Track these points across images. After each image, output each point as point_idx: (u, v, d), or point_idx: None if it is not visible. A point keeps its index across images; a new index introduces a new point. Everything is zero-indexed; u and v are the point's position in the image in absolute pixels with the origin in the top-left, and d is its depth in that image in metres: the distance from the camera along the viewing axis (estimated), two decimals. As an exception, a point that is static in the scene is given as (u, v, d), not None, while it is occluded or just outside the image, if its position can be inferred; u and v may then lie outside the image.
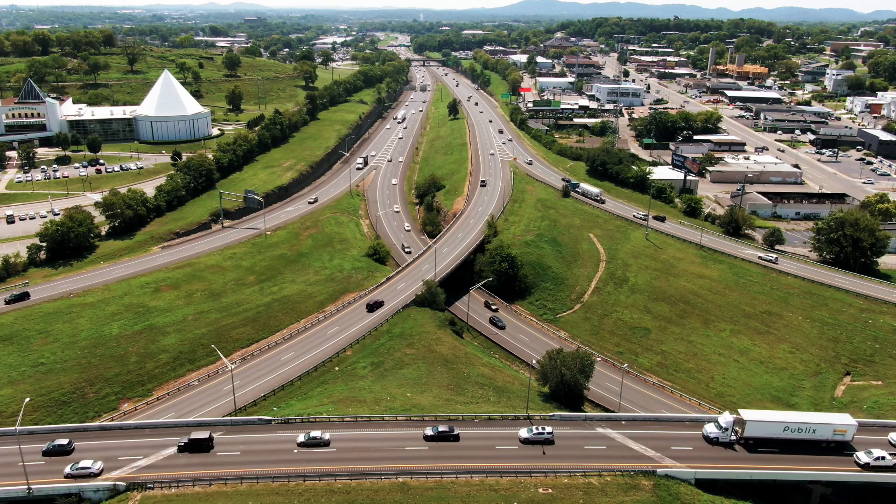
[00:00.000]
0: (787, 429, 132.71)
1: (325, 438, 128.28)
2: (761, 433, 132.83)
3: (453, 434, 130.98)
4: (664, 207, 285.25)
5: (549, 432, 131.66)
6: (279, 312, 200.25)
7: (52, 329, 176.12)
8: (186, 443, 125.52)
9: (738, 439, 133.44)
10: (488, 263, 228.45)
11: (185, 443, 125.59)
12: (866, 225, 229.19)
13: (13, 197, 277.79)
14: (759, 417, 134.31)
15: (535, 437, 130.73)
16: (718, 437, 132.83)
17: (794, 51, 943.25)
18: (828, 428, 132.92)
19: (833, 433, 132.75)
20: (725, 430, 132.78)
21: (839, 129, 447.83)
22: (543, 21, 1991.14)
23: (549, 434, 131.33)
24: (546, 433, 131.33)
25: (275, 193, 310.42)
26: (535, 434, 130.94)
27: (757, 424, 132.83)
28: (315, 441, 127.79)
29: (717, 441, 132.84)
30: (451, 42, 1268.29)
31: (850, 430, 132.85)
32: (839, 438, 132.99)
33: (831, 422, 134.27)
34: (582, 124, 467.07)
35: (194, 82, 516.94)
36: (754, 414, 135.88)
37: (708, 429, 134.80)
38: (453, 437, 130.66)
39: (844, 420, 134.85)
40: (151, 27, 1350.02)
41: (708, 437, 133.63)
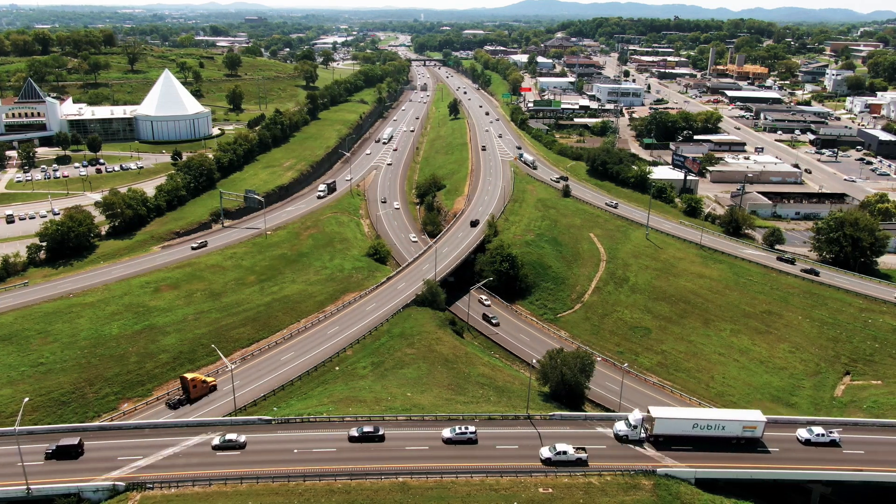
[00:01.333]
0: (697, 426, 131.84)
1: (241, 441, 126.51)
2: (670, 430, 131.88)
3: (378, 434, 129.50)
4: (664, 207, 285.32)
5: (473, 432, 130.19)
6: (279, 312, 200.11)
7: (51, 329, 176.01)
8: (54, 450, 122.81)
9: (647, 437, 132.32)
10: (489, 263, 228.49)
11: (53, 450, 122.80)
12: (866, 225, 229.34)
13: (13, 196, 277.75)
14: (667, 415, 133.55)
15: (457, 436, 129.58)
16: (628, 434, 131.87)
17: (794, 51, 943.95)
18: (737, 424, 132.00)
19: (743, 430, 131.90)
20: (635, 428, 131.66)
21: (839, 129, 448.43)
22: (544, 21, 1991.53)
23: (471, 434, 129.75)
24: (469, 433, 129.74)
25: (275, 193, 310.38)
26: (457, 434, 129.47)
27: (665, 422, 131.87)
28: (230, 444, 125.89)
29: (626, 439, 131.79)
30: (451, 42, 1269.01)
31: (759, 427, 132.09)
32: (749, 435, 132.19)
33: (740, 418, 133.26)
34: (582, 124, 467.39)
35: (195, 82, 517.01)
36: (663, 411, 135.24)
37: (618, 427, 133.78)
38: (378, 438, 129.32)
39: (754, 416, 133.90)
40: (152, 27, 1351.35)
41: (617, 435, 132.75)
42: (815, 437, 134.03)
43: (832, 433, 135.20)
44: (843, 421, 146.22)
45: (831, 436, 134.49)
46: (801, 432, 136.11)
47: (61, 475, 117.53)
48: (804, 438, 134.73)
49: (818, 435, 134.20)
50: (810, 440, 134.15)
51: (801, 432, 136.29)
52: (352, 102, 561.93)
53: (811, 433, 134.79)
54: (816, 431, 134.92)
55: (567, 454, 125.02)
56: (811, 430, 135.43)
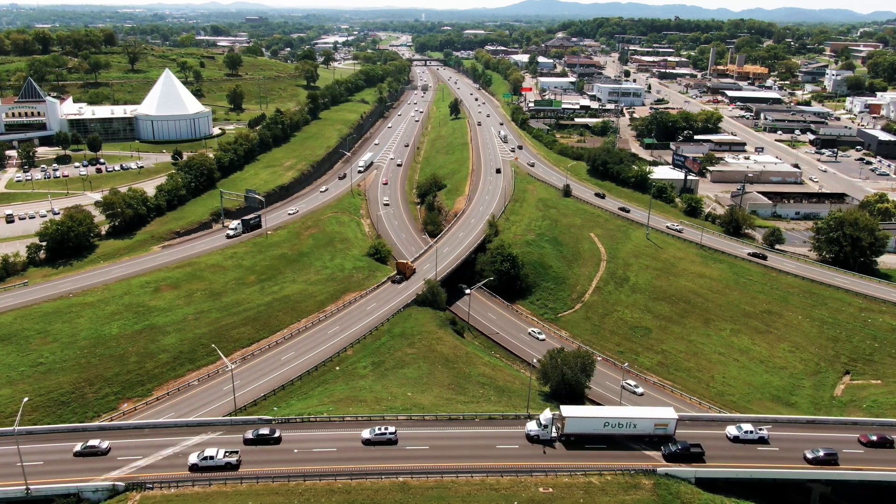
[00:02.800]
0: (608, 424, 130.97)
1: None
2: (581, 429, 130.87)
3: (274, 437, 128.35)
4: (665, 207, 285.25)
5: (392, 432, 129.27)
6: (280, 312, 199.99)
7: (51, 329, 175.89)
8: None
9: (559, 436, 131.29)
10: (489, 263, 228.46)
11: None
12: (865, 224, 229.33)
13: (13, 196, 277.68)
14: (578, 414, 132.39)
15: (376, 437, 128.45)
16: (539, 434, 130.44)
17: (794, 51, 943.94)
18: (649, 422, 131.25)
19: (654, 427, 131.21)
20: (545, 428, 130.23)
21: (839, 130, 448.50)
22: (545, 21, 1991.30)
23: (391, 434, 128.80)
24: (388, 433, 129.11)
25: (276, 193, 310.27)
26: (376, 434, 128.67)
27: (576, 421, 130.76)
28: (91, 450, 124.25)
29: (537, 439, 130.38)
30: (452, 42, 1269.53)
31: (671, 424, 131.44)
32: (661, 433, 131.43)
33: (652, 416, 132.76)
34: (583, 124, 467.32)
35: (195, 81, 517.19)
36: (573, 410, 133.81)
37: (529, 426, 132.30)
38: (273, 441, 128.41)
39: (665, 414, 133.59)
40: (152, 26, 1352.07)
41: (529, 435, 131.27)
42: (744, 434, 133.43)
43: (761, 430, 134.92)
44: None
45: (760, 433, 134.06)
46: (731, 429, 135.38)
47: (61, 475, 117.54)
48: (732, 436, 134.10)
49: (747, 432, 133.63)
50: (738, 437, 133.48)
51: (730, 430, 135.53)
52: (353, 102, 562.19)
53: (740, 430, 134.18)
54: (745, 429, 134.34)
55: None
56: (740, 428, 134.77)
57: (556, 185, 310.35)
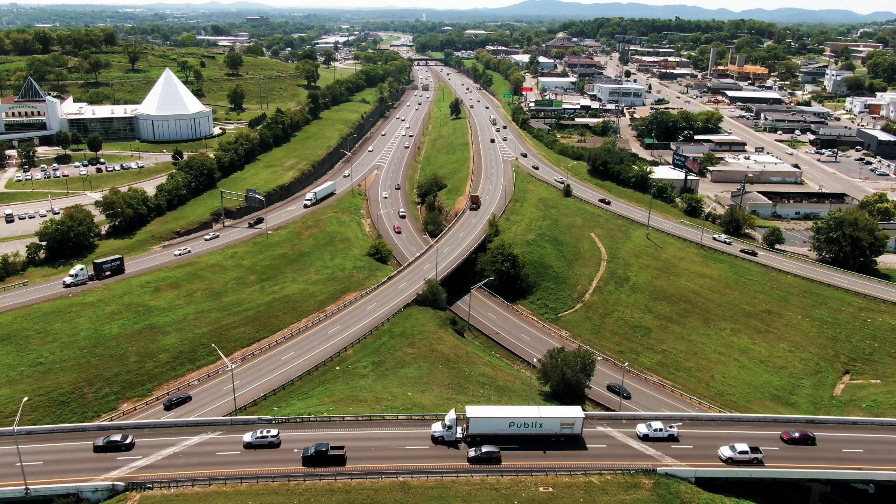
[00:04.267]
0: (513, 424, 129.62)
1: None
2: (487, 430, 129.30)
3: (125, 444, 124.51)
4: (665, 207, 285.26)
5: (275, 435, 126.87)
6: (280, 312, 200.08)
7: (50, 328, 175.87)
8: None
9: (464, 437, 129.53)
10: (490, 263, 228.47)
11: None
12: (865, 224, 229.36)
13: (13, 196, 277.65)
14: (482, 414, 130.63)
15: (257, 440, 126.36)
16: (443, 435, 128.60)
17: (794, 51, 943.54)
18: (555, 421, 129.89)
19: (561, 427, 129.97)
20: (449, 429, 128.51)
21: (838, 130, 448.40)
22: (545, 21, 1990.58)
23: (273, 437, 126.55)
24: (270, 436, 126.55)
25: (276, 193, 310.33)
26: (257, 438, 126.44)
27: (480, 421, 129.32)
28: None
29: (441, 440, 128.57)
30: (453, 42, 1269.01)
31: (577, 423, 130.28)
32: (568, 432, 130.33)
33: (558, 415, 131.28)
34: (583, 124, 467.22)
35: (196, 81, 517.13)
36: (477, 410, 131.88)
37: (434, 427, 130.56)
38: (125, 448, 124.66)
39: (571, 413, 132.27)
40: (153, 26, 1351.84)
41: (433, 437, 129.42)
42: (654, 432, 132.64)
43: (671, 428, 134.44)
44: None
45: (670, 431, 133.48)
46: (641, 427, 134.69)
47: (60, 475, 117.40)
48: (642, 434, 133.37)
49: (656, 430, 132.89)
50: (648, 435, 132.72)
51: (640, 427, 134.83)
52: (353, 102, 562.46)
53: (649, 428, 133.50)
54: (655, 426, 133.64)
55: None
56: (650, 426, 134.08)
57: (557, 184, 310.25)
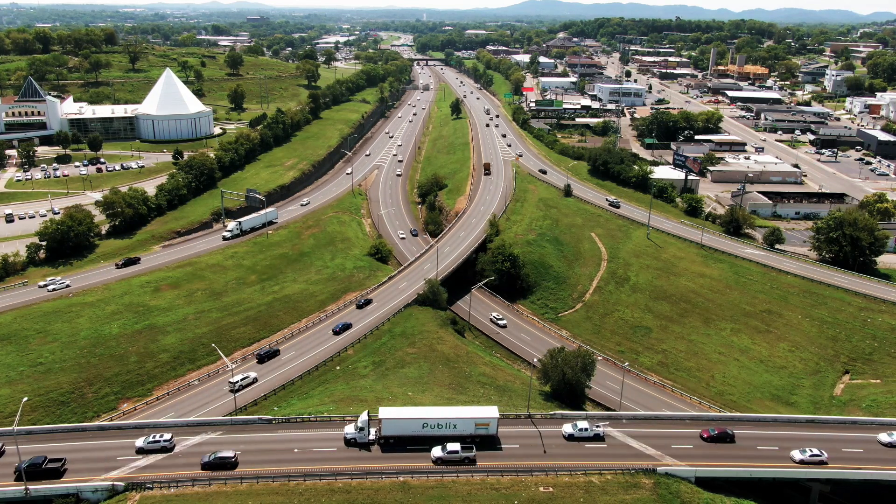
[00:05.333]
0: (427, 425, 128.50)
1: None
2: (400, 431, 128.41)
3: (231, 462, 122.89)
4: (665, 207, 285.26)
5: (168, 439, 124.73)
6: (280, 312, 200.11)
7: (50, 328, 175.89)
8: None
9: (376, 439, 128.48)
10: (490, 262, 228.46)
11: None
12: (865, 224, 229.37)
13: (13, 196, 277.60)
14: (394, 415, 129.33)
15: (149, 445, 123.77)
16: (356, 437, 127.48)
17: (795, 51, 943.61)
18: (469, 422, 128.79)
19: (476, 427, 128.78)
20: (361, 430, 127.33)
21: (838, 130, 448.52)
22: (546, 21, 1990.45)
23: (166, 442, 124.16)
24: (163, 441, 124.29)
25: (277, 192, 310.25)
26: (149, 443, 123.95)
27: (393, 422, 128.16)
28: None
29: (354, 442, 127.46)
30: (453, 42, 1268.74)
31: (492, 424, 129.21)
32: (483, 432, 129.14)
33: (472, 416, 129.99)
34: (584, 124, 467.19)
35: (196, 81, 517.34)
36: (390, 412, 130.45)
37: (347, 429, 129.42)
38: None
39: (486, 413, 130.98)
40: (153, 26, 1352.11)
41: (346, 438, 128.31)
42: (579, 431, 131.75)
43: (598, 427, 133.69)
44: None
45: (596, 430, 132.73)
46: (567, 427, 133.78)
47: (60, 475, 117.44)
48: (567, 434, 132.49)
49: (581, 430, 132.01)
50: (573, 435, 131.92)
51: (566, 427, 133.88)
52: (354, 102, 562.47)
53: (575, 428, 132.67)
54: (580, 426, 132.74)
55: None
56: (576, 426, 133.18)
57: (557, 184, 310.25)
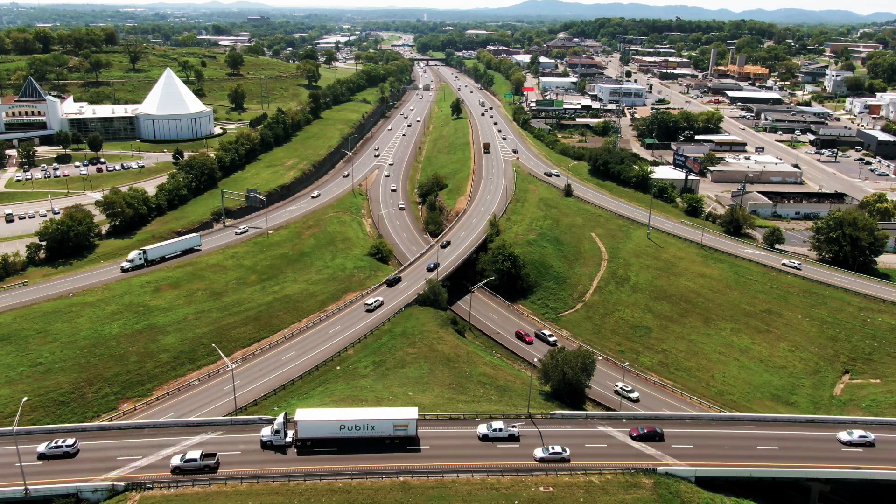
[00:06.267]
0: (344, 427, 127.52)
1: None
2: (316, 433, 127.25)
3: None
4: (665, 207, 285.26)
5: (70, 444, 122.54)
6: (280, 312, 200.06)
7: (50, 328, 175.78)
8: None
9: (293, 441, 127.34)
10: (491, 262, 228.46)
11: None
12: (865, 224, 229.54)
13: (12, 196, 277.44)
14: (310, 417, 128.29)
15: (50, 451, 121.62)
16: (272, 440, 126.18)
17: (795, 52, 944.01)
18: (388, 423, 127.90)
19: (394, 429, 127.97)
20: (277, 433, 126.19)
21: (838, 130, 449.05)
22: (546, 21, 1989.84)
23: (68, 447, 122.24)
24: (66, 446, 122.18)
25: (277, 192, 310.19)
26: (50, 448, 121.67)
27: (309, 424, 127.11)
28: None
29: (270, 444, 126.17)
30: (454, 42, 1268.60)
31: (411, 425, 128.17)
32: (402, 434, 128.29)
33: (390, 417, 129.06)
34: (584, 124, 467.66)
35: (197, 81, 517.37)
36: (306, 413, 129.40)
37: (263, 432, 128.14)
38: None
39: (405, 414, 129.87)
40: (154, 26, 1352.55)
41: (262, 441, 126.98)
42: (493, 432, 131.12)
43: (513, 427, 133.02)
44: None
45: (511, 430, 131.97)
46: (481, 428, 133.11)
47: (60, 475, 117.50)
48: (482, 434, 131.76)
49: (495, 430, 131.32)
50: (487, 436, 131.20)
51: (480, 428, 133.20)
52: (354, 102, 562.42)
53: (489, 429, 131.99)
54: (495, 426, 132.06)
55: None
56: (490, 426, 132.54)
57: (558, 184, 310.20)
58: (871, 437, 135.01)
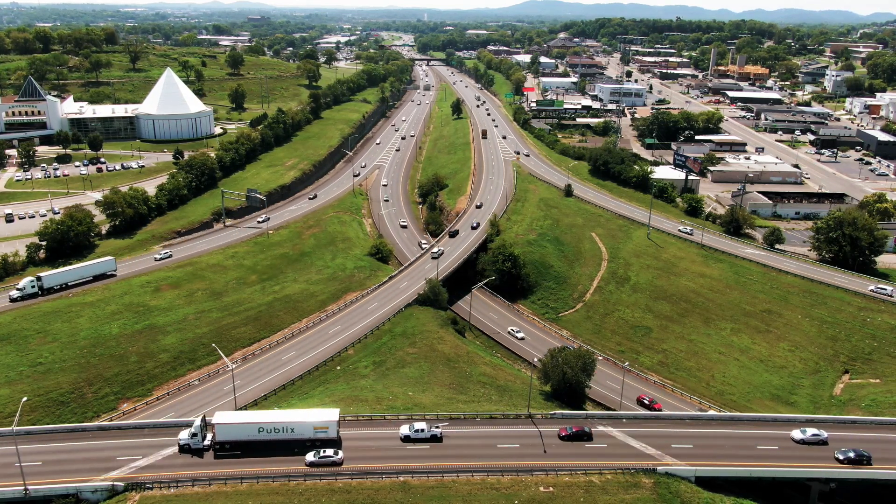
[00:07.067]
0: (263, 430, 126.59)
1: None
2: (234, 436, 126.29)
3: None
4: (665, 207, 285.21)
5: None
6: (281, 311, 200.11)
7: (50, 328, 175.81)
8: None
9: (211, 444, 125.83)
10: (491, 262, 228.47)
11: None
12: (864, 224, 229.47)
13: (12, 195, 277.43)
14: (228, 420, 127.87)
15: None
16: (189, 443, 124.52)
17: (795, 52, 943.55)
18: (307, 426, 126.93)
19: (314, 431, 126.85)
20: (195, 436, 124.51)
21: (838, 130, 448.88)
22: (547, 21, 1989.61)
23: None
24: None
25: (277, 192, 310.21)
26: None
27: (227, 427, 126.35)
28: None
29: (188, 448, 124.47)
30: (454, 42, 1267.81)
31: (331, 427, 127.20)
32: (323, 436, 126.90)
33: (309, 419, 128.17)
34: (585, 124, 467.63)
35: (197, 81, 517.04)
36: (224, 416, 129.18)
37: (182, 435, 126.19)
38: None
39: (324, 416, 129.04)
40: (154, 25, 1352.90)
41: (180, 445, 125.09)
42: (415, 433, 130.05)
43: (436, 428, 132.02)
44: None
45: (432, 431, 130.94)
46: (403, 429, 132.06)
47: (59, 475, 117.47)
48: (403, 435, 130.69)
49: (417, 431, 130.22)
50: (409, 436, 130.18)
51: (403, 429, 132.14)
52: (355, 102, 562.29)
53: (411, 429, 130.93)
54: (416, 427, 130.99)
55: None
56: (412, 427, 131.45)
57: (558, 184, 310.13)
58: (825, 435, 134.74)
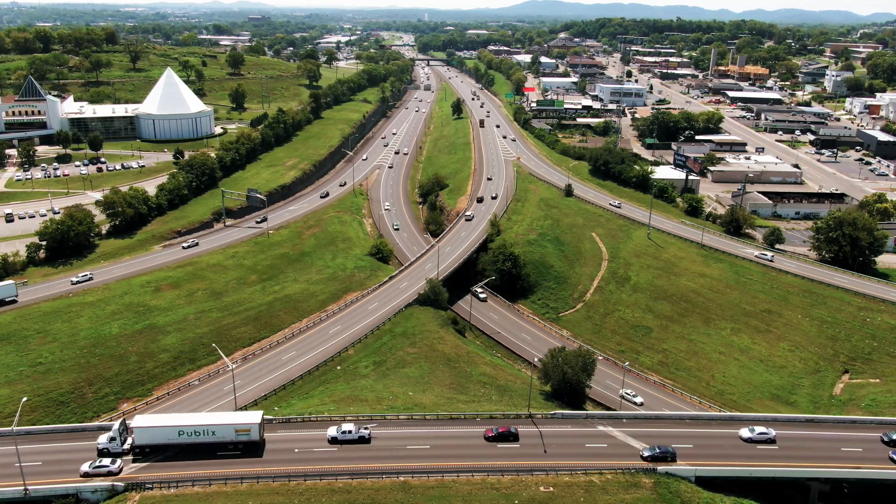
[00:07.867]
0: (183, 433, 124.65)
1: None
2: (154, 440, 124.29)
3: None
4: (666, 207, 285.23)
5: None
6: (281, 311, 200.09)
7: (50, 328, 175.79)
8: None
9: (130, 448, 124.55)
10: (491, 262, 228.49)
11: None
12: (864, 224, 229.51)
13: (13, 195, 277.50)
14: (147, 423, 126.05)
15: None
16: (108, 447, 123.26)
17: (795, 52, 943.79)
18: (228, 428, 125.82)
19: (236, 433, 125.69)
20: (113, 440, 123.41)
21: (838, 130, 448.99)
22: (547, 21, 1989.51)
23: None
24: None
25: (278, 192, 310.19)
26: None
27: (146, 431, 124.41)
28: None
29: (107, 452, 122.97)
30: (455, 42, 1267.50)
31: (254, 429, 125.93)
32: (245, 438, 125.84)
33: (231, 422, 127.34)
34: (585, 124, 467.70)
35: (197, 80, 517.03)
36: (143, 420, 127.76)
37: (100, 439, 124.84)
38: None
39: (247, 419, 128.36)
40: (154, 25, 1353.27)
41: (98, 449, 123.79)
42: (342, 434, 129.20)
43: (365, 430, 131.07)
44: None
45: (360, 433, 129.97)
46: (331, 430, 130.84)
47: (60, 475, 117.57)
48: (331, 437, 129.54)
49: (344, 433, 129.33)
50: (336, 438, 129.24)
51: (330, 430, 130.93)
52: (355, 102, 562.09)
53: (338, 431, 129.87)
54: (344, 428, 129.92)
55: None
56: (339, 428, 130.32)
57: (559, 184, 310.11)
58: (772, 433, 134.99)
